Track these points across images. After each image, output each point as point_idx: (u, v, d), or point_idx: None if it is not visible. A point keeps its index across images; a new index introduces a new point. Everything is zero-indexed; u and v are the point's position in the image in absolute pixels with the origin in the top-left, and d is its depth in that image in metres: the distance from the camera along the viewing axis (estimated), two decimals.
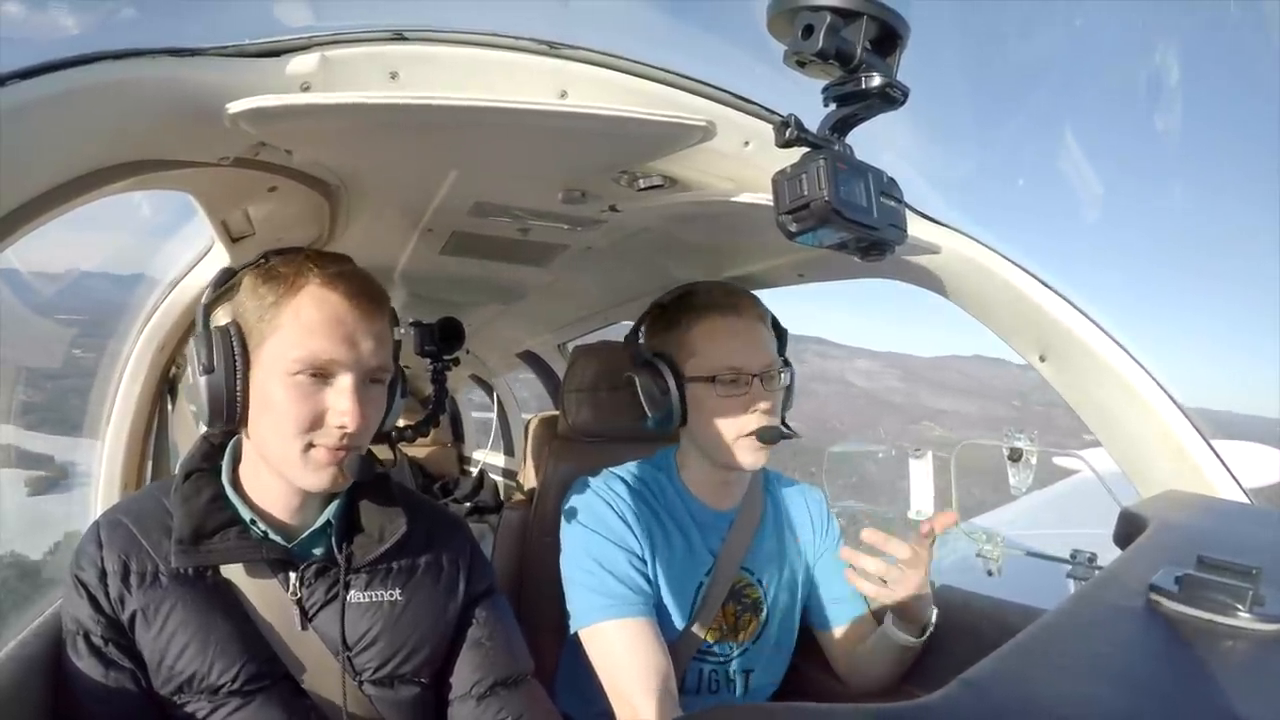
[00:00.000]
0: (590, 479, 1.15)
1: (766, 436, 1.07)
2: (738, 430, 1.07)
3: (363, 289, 0.81)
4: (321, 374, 0.78)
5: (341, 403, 0.77)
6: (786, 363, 1.15)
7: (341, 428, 0.77)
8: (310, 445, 0.78)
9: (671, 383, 1.09)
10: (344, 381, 0.78)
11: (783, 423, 1.12)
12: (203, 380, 0.77)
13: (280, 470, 0.81)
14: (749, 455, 1.08)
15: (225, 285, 0.83)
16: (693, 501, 1.16)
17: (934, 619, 1.07)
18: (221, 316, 0.81)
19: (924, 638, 1.08)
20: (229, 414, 0.78)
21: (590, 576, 1.05)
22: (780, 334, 1.17)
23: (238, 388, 0.78)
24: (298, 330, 0.77)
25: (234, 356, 0.77)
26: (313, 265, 0.80)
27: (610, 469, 1.18)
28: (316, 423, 0.78)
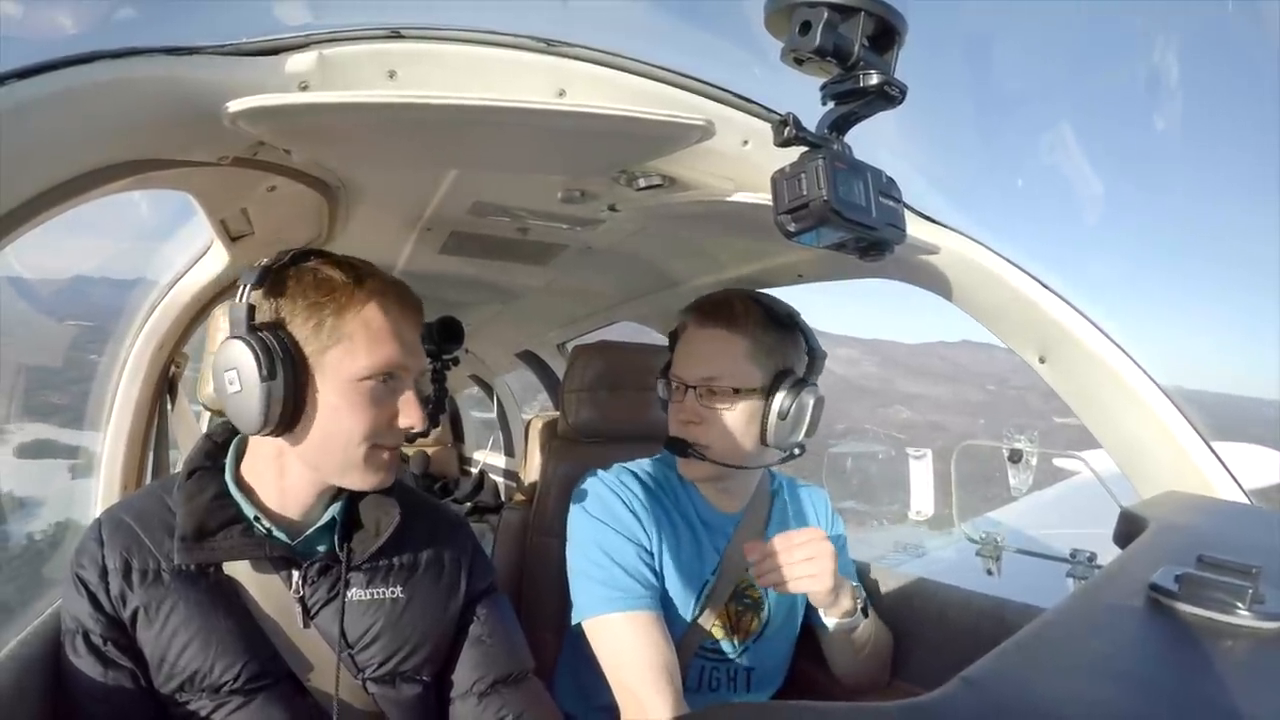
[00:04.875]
0: (600, 471, 1.15)
1: (669, 444, 1.10)
2: (673, 434, 1.10)
3: (412, 297, 0.85)
4: (387, 379, 0.80)
5: (410, 406, 0.81)
6: (784, 383, 1.05)
7: (410, 428, 0.82)
8: (374, 447, 0.81)
9: (661, 387, 1.15)
10: (409, 385, 0.82)
11: (767, 437, 1.06)
12: (261, 386, 0.75)
13: (333, 474, 0.82)
14: (680, 464, 1.12)
15: (263, 285, 0.80)
16: (700, 501, 1.16)
17: (859, 603, 1.08)
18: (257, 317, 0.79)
19: (855, 620, 1.07)
20: (285, 420, 0.77)
21: (598, 568, 1.05)
22: (814, 356, 1.12)
23: (303, 394, 0.78)
24: (369, 338, 0.78)
25: (293, 362, 0.77)
26: (363, 273, 0.81)
27: (621, 464, 1.18)
28: (387, 426, 0.81)
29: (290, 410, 0.77)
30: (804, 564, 0.98)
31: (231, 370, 0.76)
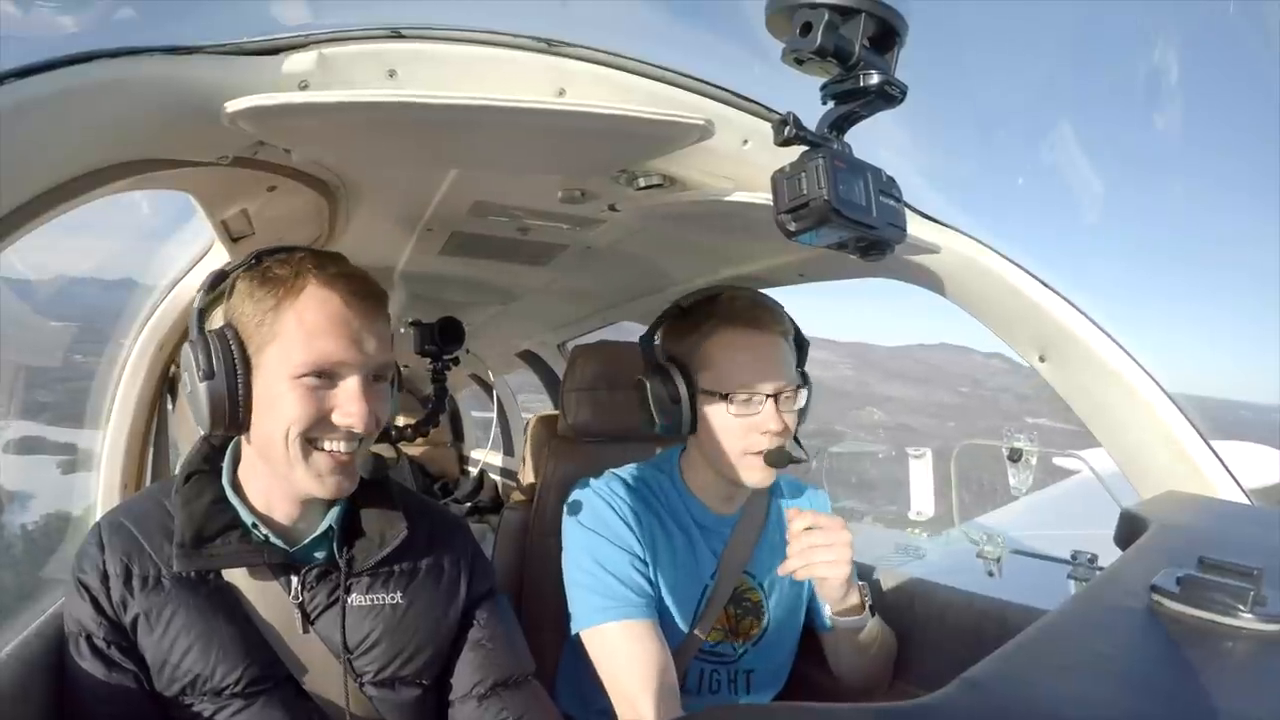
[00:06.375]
0: (592, 480, 1.14)
1: (773, 460, 1.04)
2: (746, 449, 1.05)
3: (364, 288, 0.81)
4: (328, 375, 0.77)
5: (349, 404, 0.77)
6: (805, 380, 1.10)
7: (349, 428, 0.78)
8: (315, 449, 0.78)
9: (684, 391, 1.06)
10: (351, 382, 0.78)
11: (797, 440, 1.09)
12: (203, 386, 0.75)
13: (283, 475, 0.80)
14: (755, 474, 1.06)
15: (218, 288, 0.81)
16: (695, 504, 1.16)
17: (866, 602, 1.08)
18: (216, 320, 0.80)
19: (862, 620, 1.07)
20: (231, 419, 0.77)
21: (592, 578, 1.05)
22: (801, 345, 1.13)
23: (240, 392, 0.76)
24: (303, 333, 0.76)
25: (234, 360, 0.76)
26: (311, 266, 0.79)
27: (613, 470, 1.17)
28: (322, 423, 0.78)
29: (234, 409, 0.77)
30: (823, 549, 0.98)
31: (186, 373, 0.77)
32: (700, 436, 1.09)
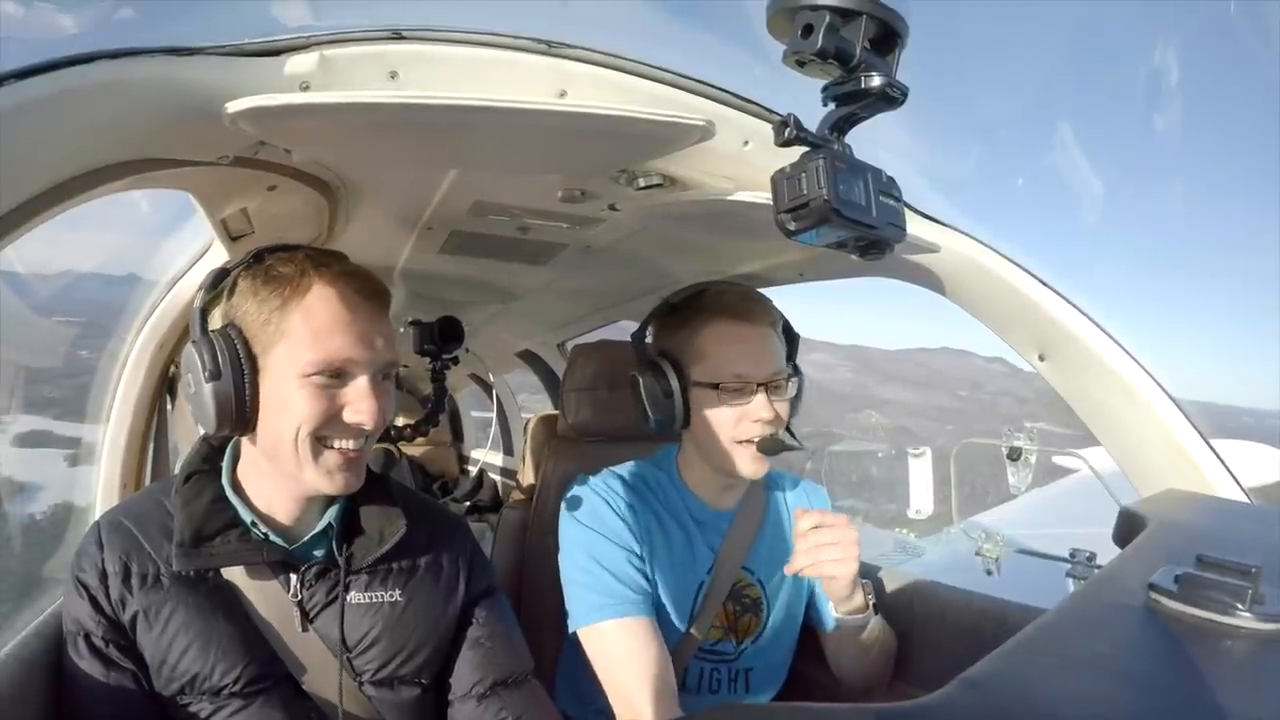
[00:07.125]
0: (589, 478, 1.15)
1: (766, 448, 1.05)
2: (739, 438, 1.06)
3: (369, 287, 0.81)
4: (337, 374, 0.77)
5: (361, 402, 0.78)
6: (796, 370, 1.12)
7: (360, 425, 0.78)
8: (325, 447, 0.78)
9: (675, 385, 1.07)
10: (361, 380, 0.78)
11: (789, 431, 1.10)
12: (208, 387, 0.75)
13: (292, 474, 0.80)
14: (749, 464, 1.07)
15: (219, 286, 0.81)
16: (693, 500, 1.16)
17: (870, 598, 1.08)
18: (216, 319, 0.80)
19: (865, 618, 1.07)
20: (238, 420, 0.77)
21: (589, 576, 1.05)
22: (791, 339, 1.15)
23: (246, 392, 0.76)
24: (310, 332, 0.76)
25: (240, 361, 0.76)
26: (316, 265, 0.79)
27: (610, 468, 1.17)
28: (333, 421, 0.78)
29: (241, 409, 0.76)
30: (830, 547, 0.98)
31: (189, 374, 0.77)
32: (694, 429, 1.10)
